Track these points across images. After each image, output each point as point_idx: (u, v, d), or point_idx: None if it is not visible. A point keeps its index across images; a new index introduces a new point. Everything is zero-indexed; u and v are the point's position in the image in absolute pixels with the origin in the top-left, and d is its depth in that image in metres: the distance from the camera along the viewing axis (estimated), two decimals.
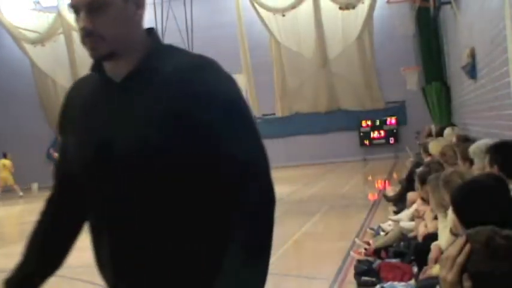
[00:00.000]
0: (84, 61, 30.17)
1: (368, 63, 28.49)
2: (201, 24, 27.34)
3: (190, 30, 26.52)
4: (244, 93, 16.21)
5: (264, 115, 29.40)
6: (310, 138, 28.85)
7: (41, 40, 30.13)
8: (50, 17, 30.31)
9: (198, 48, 26.62)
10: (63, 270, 2.67)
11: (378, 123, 28.39)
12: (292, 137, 28.95)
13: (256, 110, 29.29)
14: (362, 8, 27.58)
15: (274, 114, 29.47)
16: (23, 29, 30.32)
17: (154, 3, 26.93)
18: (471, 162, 6.40)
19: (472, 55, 12.29)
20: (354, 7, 27.26)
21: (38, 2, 30.67)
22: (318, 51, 28.79)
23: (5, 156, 26.48)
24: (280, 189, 16.33)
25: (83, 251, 3.01)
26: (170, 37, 26.51)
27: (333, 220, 12.31)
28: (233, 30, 28.78)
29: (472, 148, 6.27)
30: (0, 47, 31.31)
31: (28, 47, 30.29)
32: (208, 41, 28.27)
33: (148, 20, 27.71)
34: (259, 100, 29.16)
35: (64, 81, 30.60)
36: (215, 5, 29.60)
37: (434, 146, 10.47)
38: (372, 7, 27.52)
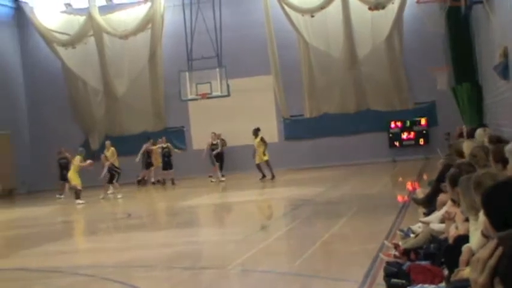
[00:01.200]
0: (114, 62, 30.50)
1: (397, 63, 28.28)
2: (229, 24, 27.41)
3: (219, 31, 26.60)
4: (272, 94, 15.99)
5: (292, 116, 29.35)
6: (338, 139, 28.70)
7: (72, 42, 30.45)
8: (81, 19, 30.63)
9: (226, 49, 26.69)
10: (93, 270, 2.70)
11: (408, 124, 28.18)
12: (321, 138, 28.81)
13: (284, 111, 29.27)
14: (391, 8, 27.39)
15: (302, 115, 29.39)
16: (54, 31, 30.70)
17: (183, 4, 27.07)
18: (504, 163, 6.31)
19: (505, 54, 12.12)
20: (383, 7, 27.10)
21: (69, 5, 30.99)
22: (346, 51, 28.66)
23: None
24: (309, 191, 16.43)
25: (114, 250, 3.04)
26: (199, 37, 26.68)
27: (361, 222, 12.22)
28: (261, 30, 28.79)
29: (509, 147, 6.18)
30: (34, 49, 31.71)
31: (59, 49, 30.65)
32: (236, 41, 28.34)
33: (178, 20, 27.96)
34: (287, 101, 29.13)
35: (94, 82, 30.90)
36: (244, 6, 29.62)
37: (467, 147, 10.35)
38: (402, 7, 27.32)
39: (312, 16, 28.49)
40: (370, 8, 27.12)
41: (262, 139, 24.26)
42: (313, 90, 29.14)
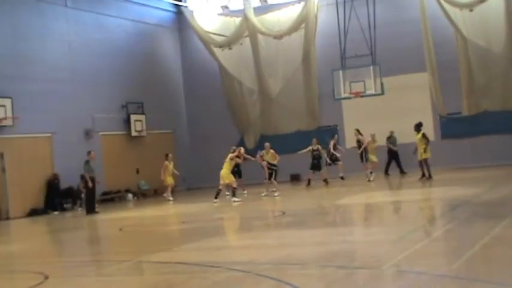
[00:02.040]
0: (268, 63, 31.02)
1: None
2: (383, 21, 26.97)
3: (373, 28, 26.24)
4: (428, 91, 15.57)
5: (449, 114, 28.42)
6: (499, 138, 27.40)
7: (228, 43, 31.36)
8: (237, 20, 31.46)
9: (380, 46, 26.30)
10: (248, 266, 2.72)
11: None
12: (480, 137, 27.65)
13: (441, 108, 28.37)
14: None
15: (460, 113, 28.35)
16: (212, 33, 31.76)
17: (336, 3, 26.98)
18: None
19: None
20: None
21: (226, 7, 31.93)
22: (508, 45, 27.29)
23: (166, 157, 25.83)
24: (467, 191, 15.80)
25: (269, 247, 3.05)
26: (352, 36, 26.48)
27: None
28: (416, 27, 28.10)
29: None
30: (192, 52, 33.03)
31: (216, 50, 31.68)
32: (390, 38, 27.89)
33: (331, 19, 27.97)
34: (444, 98, 28.23)
35: (249, 82, 31.61)
36: (398, 2, 29.09)
37: None
38: None
39: (471, 10, 27.43)
40: None
41: (424, 135, 23.37)
42: (472, 86, 28.01)
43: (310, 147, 25.18)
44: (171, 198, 25.31)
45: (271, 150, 23.06)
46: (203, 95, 32.60)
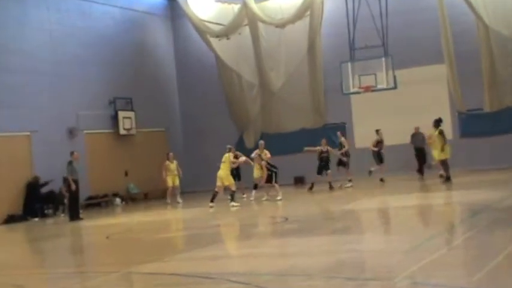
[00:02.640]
0: (270, 54, 30.96)
1: None
2: (396, 9, 26.88)
3: (385, 16, 26.18)
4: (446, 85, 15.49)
5: (468, 110, 28.37)
6: None
7: (225, 33, 31.29)
8: (235, 8, 31.40)
9: (393, 36, 26.25)
10: (248, 277, 2.70)
11: None
12: (502, 135, 27.57)
13: (460, 104, 28.32)
14: None
15: (481, 109, 28.30)
16: (208, 22, 31.69)
17: None
18: None
19: None
20: None
21: None
22: None
23: (167, 157, 26.20)
24: (488, 195, 15.75)
25: (271, 257, 3.03)
26: (362, 25, 26.43)
27: None
28: (433, 14, 28.03)
29: None
30: (186, 42, 32.98)
31: (213, 40, 31.60)
32: (404, 27, 27.85)
33: (339, 6, 27.92)
34: (463, 93, 28.15)
35: (249, 76, 31.56)
36: None
37: None
38: None
39: None
40: None
41: (441, 132, 23.32)
42: (494, 80, 27.97)
43: (318, 148, 25.04)
44: (168, 201, 25.48)
45: (265, 150, 22.90)
46: (198, 90, 32.56)
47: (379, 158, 25.78)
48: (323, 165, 24.85)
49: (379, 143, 25.80)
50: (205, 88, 32.41)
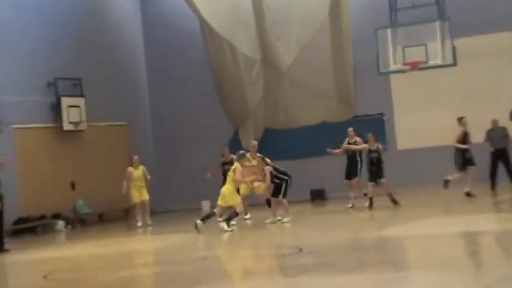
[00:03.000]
0: (276, 20, 30.78)
1: None
2: None
3: None
4: None
5: None
6: None
7: None
8: None
9: None
10: None
11: None
12: None
13: None
14: None
15: None
16: None
17: None
18: None
19: None
20: None
21: None
22: None
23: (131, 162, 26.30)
24: None
25: None
26: None
27: None
28: None
29: None
30: (161, 3, 32.99)
31: (197, 0, 31.42)
32: None
33: None
34: None
35: (247, 48, 31.44)
36: None
37: None
38: None
39: None
40: None
41: None
42: None
43: (365, 145, 24.81)
44: (139, 224, 25.52)
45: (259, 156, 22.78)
46: (176, 70, 32.49)
47: (464, 160, 24.92)
48: (374, 170, 24.50)
49: (465, 137, 24.91)
50: (185, 67, 32.33)
